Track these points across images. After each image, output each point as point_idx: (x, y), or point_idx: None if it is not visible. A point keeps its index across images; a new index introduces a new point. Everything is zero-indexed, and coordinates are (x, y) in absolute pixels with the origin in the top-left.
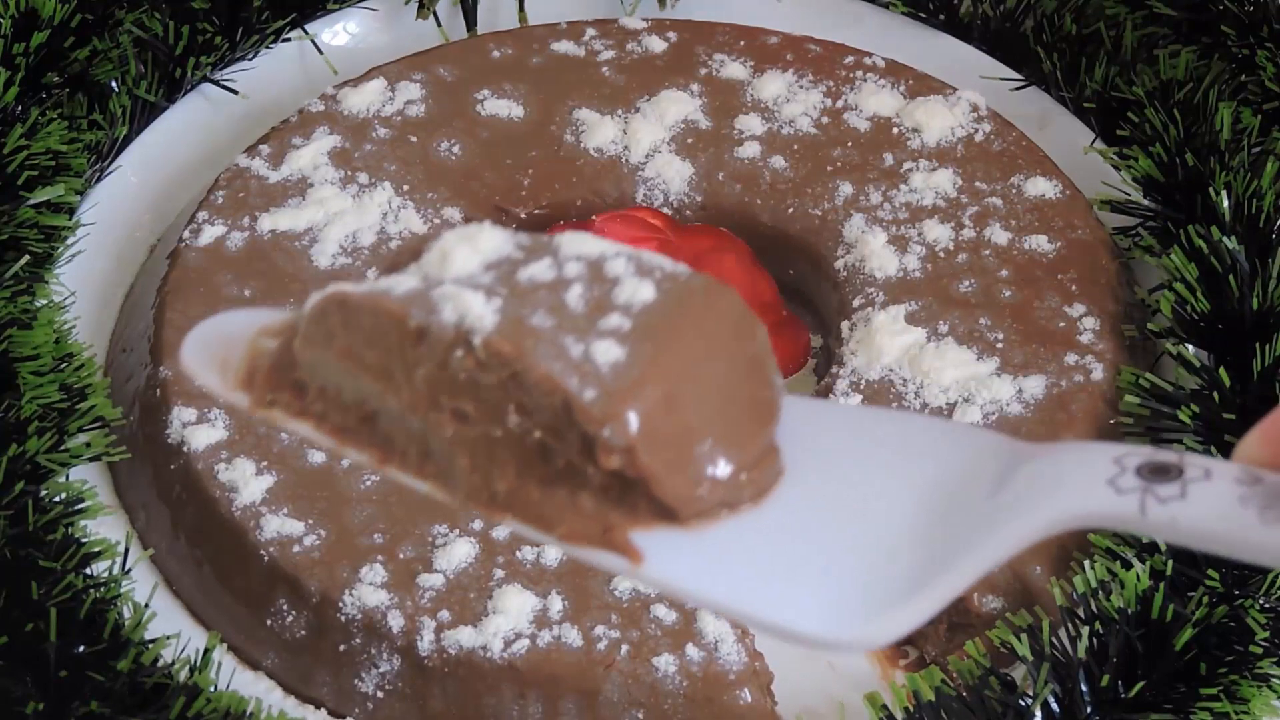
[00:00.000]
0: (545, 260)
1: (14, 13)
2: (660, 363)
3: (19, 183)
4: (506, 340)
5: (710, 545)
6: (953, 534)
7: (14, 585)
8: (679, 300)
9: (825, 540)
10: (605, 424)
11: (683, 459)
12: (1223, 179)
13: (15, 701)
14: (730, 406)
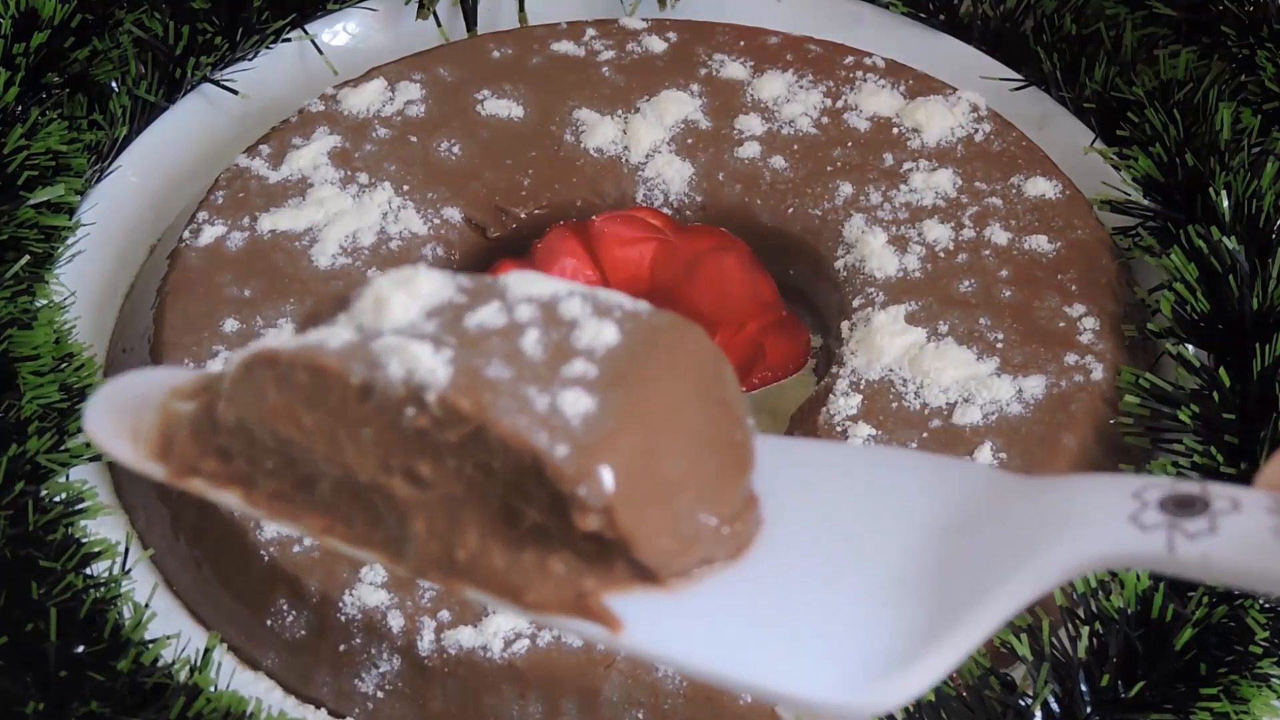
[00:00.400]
0: (493, 304)
1: (14, 13)
2: (634, 411)
3: (19, 183)
4: (463, 395)
5: (695, 607)
6: (961, 580)
7: (14, 585)
8: (645, 341)
9: (819, 594)
10: (579, 482)
11: (663, 516)
12: (1223, 179)
13: (15, 701)
14: (707, 455)
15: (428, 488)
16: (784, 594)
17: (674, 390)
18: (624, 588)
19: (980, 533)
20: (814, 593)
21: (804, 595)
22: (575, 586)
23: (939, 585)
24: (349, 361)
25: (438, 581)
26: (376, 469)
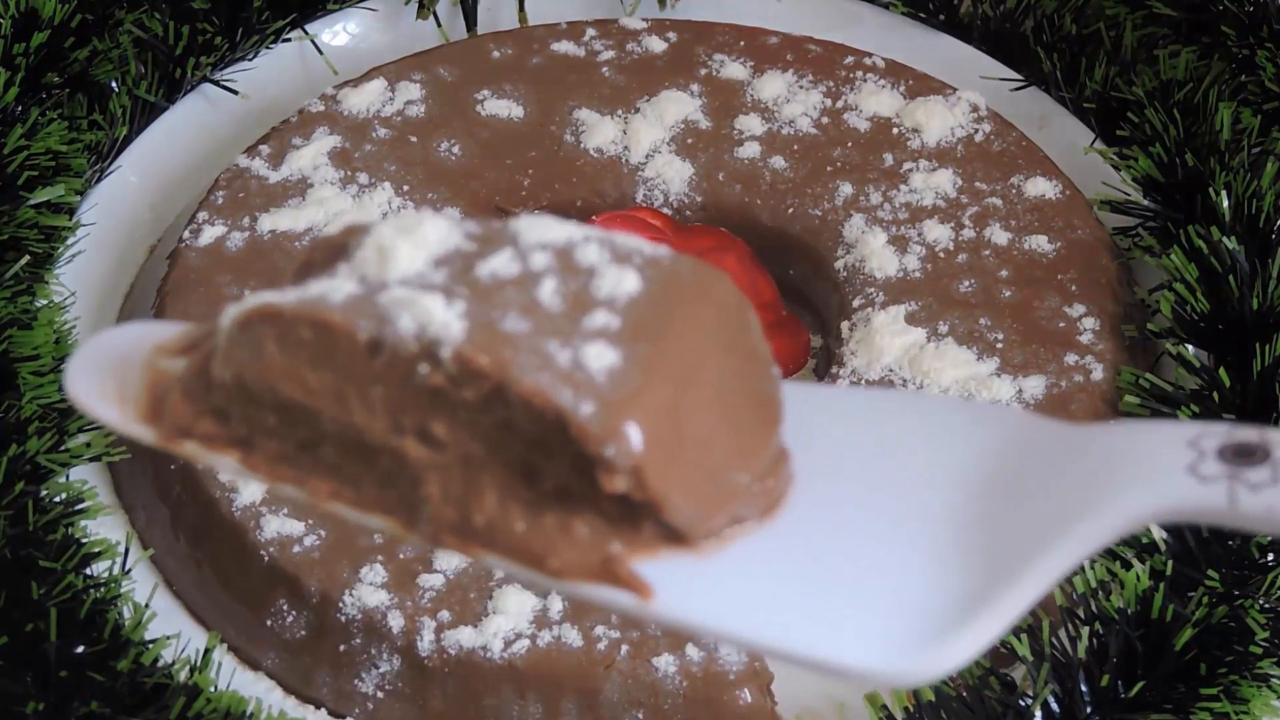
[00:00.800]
0: (505, 252)
1: (14, 13)
2: (660, 365)
3: (19, 183)
4: (481, 351)
5: (727, 571)
6: (1009, 537)
7: (14, 585)
8: (668, 289)
9: (858, 554)
10: (607, 442)
11: (693, 475)
12: (1223, 179)
13: (15, 701)
14: (737, 409)
15: (442, 448)
16: (821, 554)
17: (700, 341)
18: (652, 551)
19: (1026, 485)
20: (852, 552)
21: (842, 555)
22: (600, 551)
23: (985, 542)
24: (356, 316)
25: (454, 548)
26: (387, 429)
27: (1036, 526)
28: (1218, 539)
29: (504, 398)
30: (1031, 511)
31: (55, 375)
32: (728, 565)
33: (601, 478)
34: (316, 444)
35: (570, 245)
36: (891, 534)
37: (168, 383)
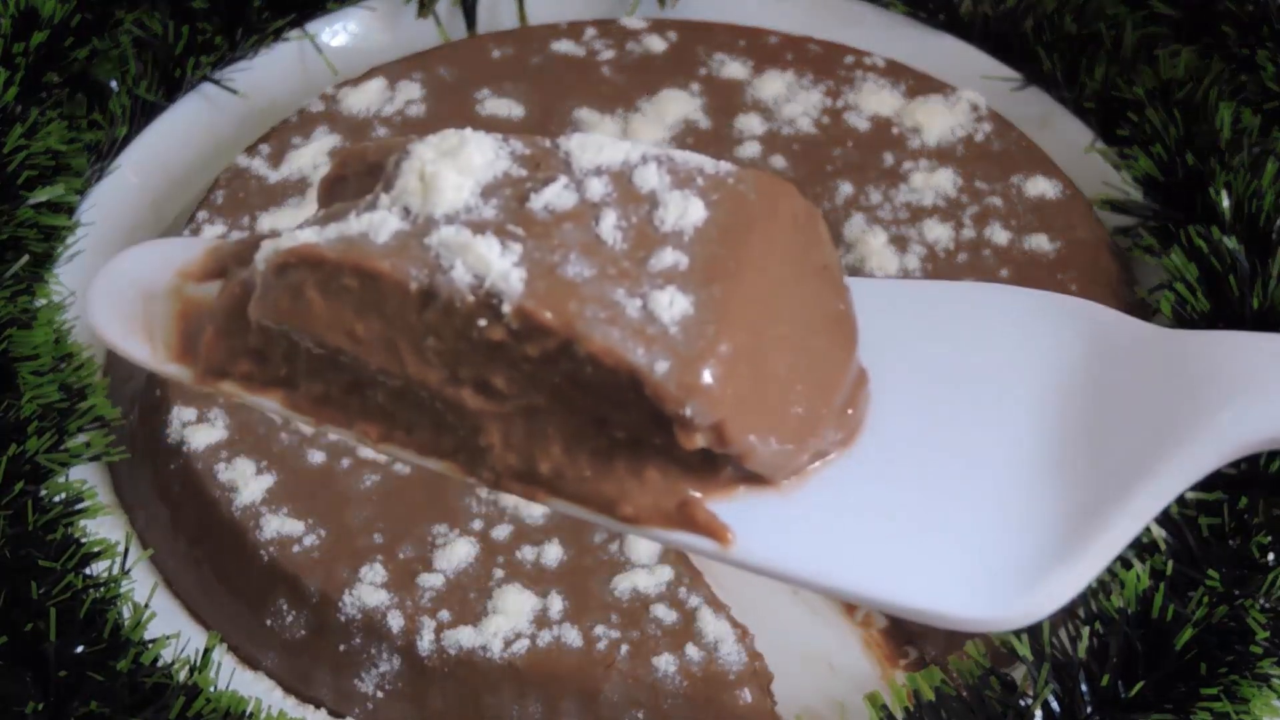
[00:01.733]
0: (559, 180)
1: (14, 12)
2: (735, 306)
3: (19, 183)
4: (545, 305)
5: (810, 509)
6: (1103, 458)
7: (14, 585)
8: (735, 215)
9: (943, 485)
10: (686, 401)
11: (775, 420)
12: (1223, 179)
13: (15, 701)
14: (815, 337)
15: (503, 399)
16: (905, 484)
17: (774, 269)
18: (730, 491)
19: (1118, 395)
20: (939, 482)
21: (927, 486)
22: (676, 494)
23: (1079, 463)
24: (406, 264)
25: (518, 494)
26: (442, 380)
27: (1134, 447)
28: (1218, 539)
29: (571, 354)
30: (1127, 428)
31: (55, 375)
32: (810, 502)
33: (680, 435)
34: (365, 388)
35: (628, 167)
36: (978, 458)
37: (199, 316)
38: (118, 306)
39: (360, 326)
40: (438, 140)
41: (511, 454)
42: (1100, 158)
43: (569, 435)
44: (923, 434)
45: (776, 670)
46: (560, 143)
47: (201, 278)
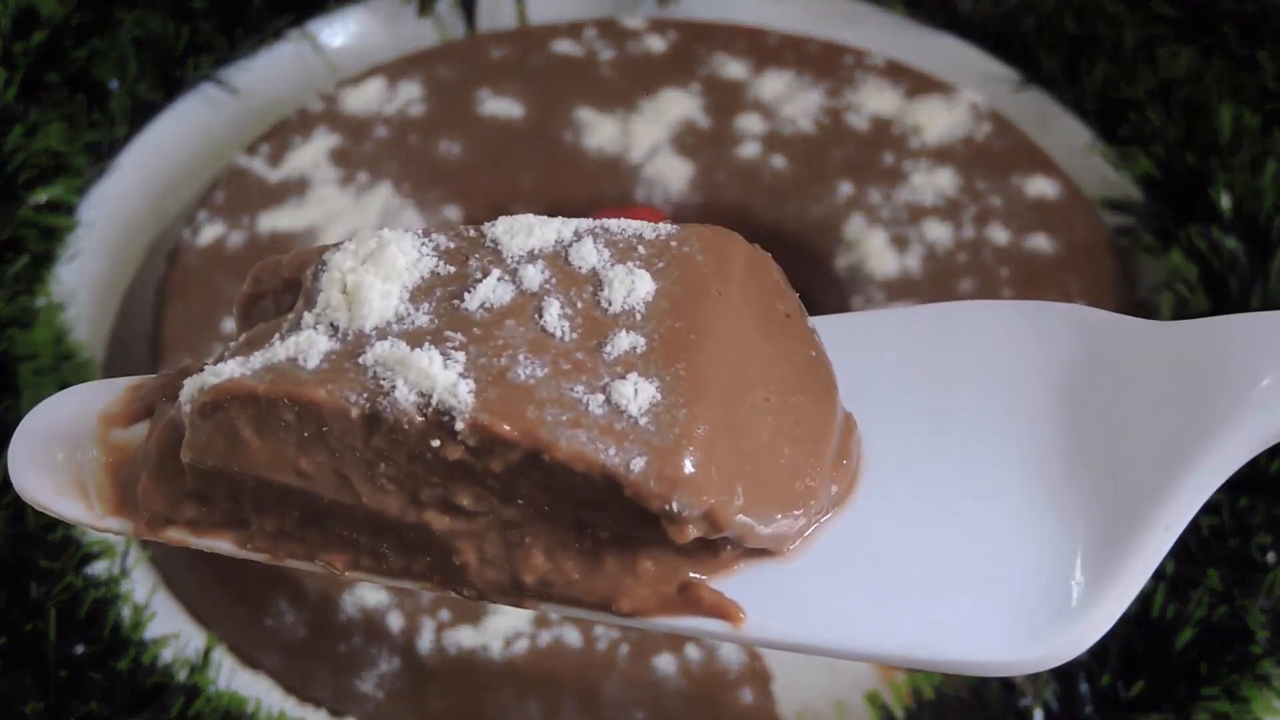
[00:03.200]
0: (492, 275)
1: (14, 12)
2: (704, 381)
3: (19, 183)
4: (501, 417)
5: (817, 574)
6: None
7: (14, 585)
8: (685, 281)
9: (955, 523)
10: (671, 495)
11: (768, 492)
12: (1223, 179)
13: (15, 701)
14: (792, 394)
15: (472, 517)
16: (915, 529)
17: (737, 332)
18: (731, 568)
19: (1127, 397)
20: (950, 520)
21: (939, 526)
22: (675, 579)
23: (1098, 477)
24: (342, 389)
25: (507, 604)
26: (403, 506)
27: (1154, 451)
28: (1218, 539)
29: (538, 463)
30: (1143, 432)
31: (54, 375)
32: (817, 566)
33: (671, 531)
34: (321, 519)
35: (561, 247)
36: (987, 488)
37: (131, 464)
38: (44, 467)
39: (304, 461)
40: (354, 246)
41: (490, 569)
42: (1100, 158)
43: (550, 543)
44: (924, 471)
45: (776, 670)
46: (486, 230)
47: (126, 421)
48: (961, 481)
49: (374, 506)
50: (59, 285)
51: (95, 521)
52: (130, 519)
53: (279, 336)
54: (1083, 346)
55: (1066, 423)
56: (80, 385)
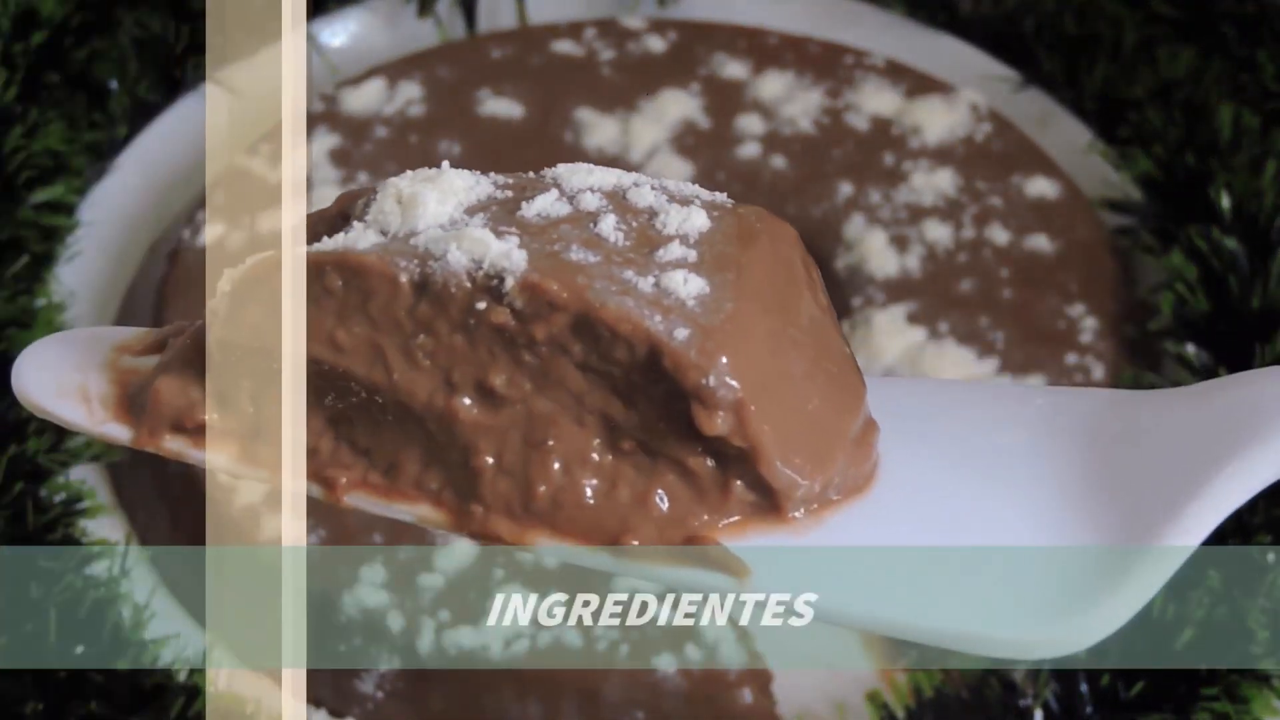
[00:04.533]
0: (549, 194)
1: (14, 12)
2: (750, 293)
3: (19, 183)
4: (552, 277)
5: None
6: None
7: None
8: (738, 228)
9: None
10: (707, 371)
11: (794, 424)
12: (1223, 179)
13: (15, 701)
14: (827, 359)
15: (500, 406)
16: (929, 520)
17: (783, 277)
18: (740, 529)
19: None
20: (962, 525)
21: (954, 521)
22: (684, 526)
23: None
24: (394, 256)
25: (505, 534)
26: (434, 387)
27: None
28: (1218, 539)
29: (582, 331)
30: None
31: None
32: (828, 539)
33: (699, 415)
34: (340, 423)
35: (620, 189)
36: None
37: (139, 379)
38: (48, 373)
39: (342, 332)
40: (413, 173)
41: (505, 479)
42: (1100, 158)
43: (570, 453)
44: (935, 488)
45: (776, 670)
46: (546, 172)
47: (140, 352)
48: (976, 502)
49: (404, 387)
50: (59, 285)
51: (93, 426)
52: (131, 426)
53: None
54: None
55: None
56: (101, 327)
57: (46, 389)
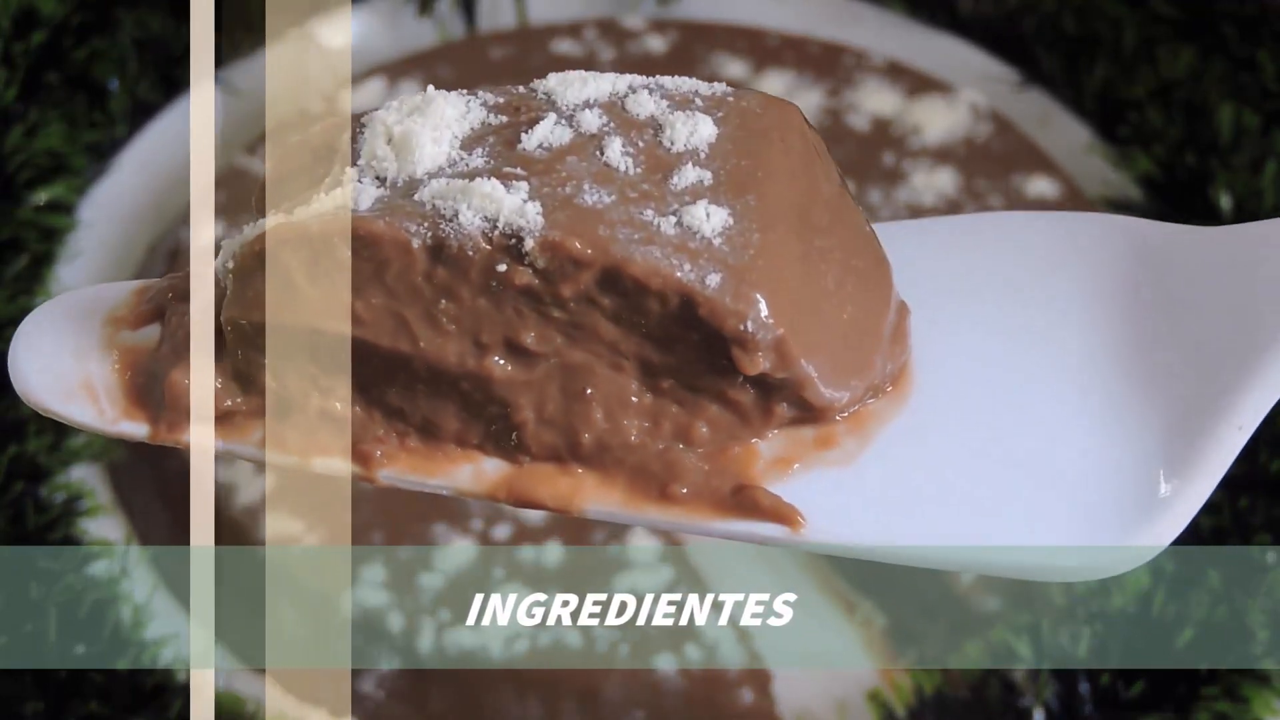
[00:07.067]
0: (547, 119)
1: (14, 12)
2: (775, 214)
3: (19, 183)
4: (573, 234)
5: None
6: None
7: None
8: (747, 129)
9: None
10: (745, 316)
11: (833, 339)
12: (1223, 179)
13: (15, 701)
14: (854, 256)
15: (534, 362)
16: (975, 431)
17: (801, 178)
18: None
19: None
20: (1010, 419)
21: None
22: (730, 465)
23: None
24: (401, 220)
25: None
26: (463, 352)
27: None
28: (1218, 539)
29: (610, 285)
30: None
31: None
32: (876, 469)
33: (740, 358)
34: (370, 388)
35: (617, 98)
36: (1046, 389)
37: (146, 365)
38: (49, 369)
39: (360, 305)
40: (398, 104)
41: (548, 430)
42: (1100, 158)
43: (610, 397)
44: (980, 371)
45: (776, 670)
46: (537, 85)
47: (135, 324)
48: (1024, 381)
49: (432, 353)
50: (59, 285)
51: (108, 426)
52: (146, 422)
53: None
54: (1138, 255)
55: (1128, 329)
56: (82, 289)
57: (51, 390)
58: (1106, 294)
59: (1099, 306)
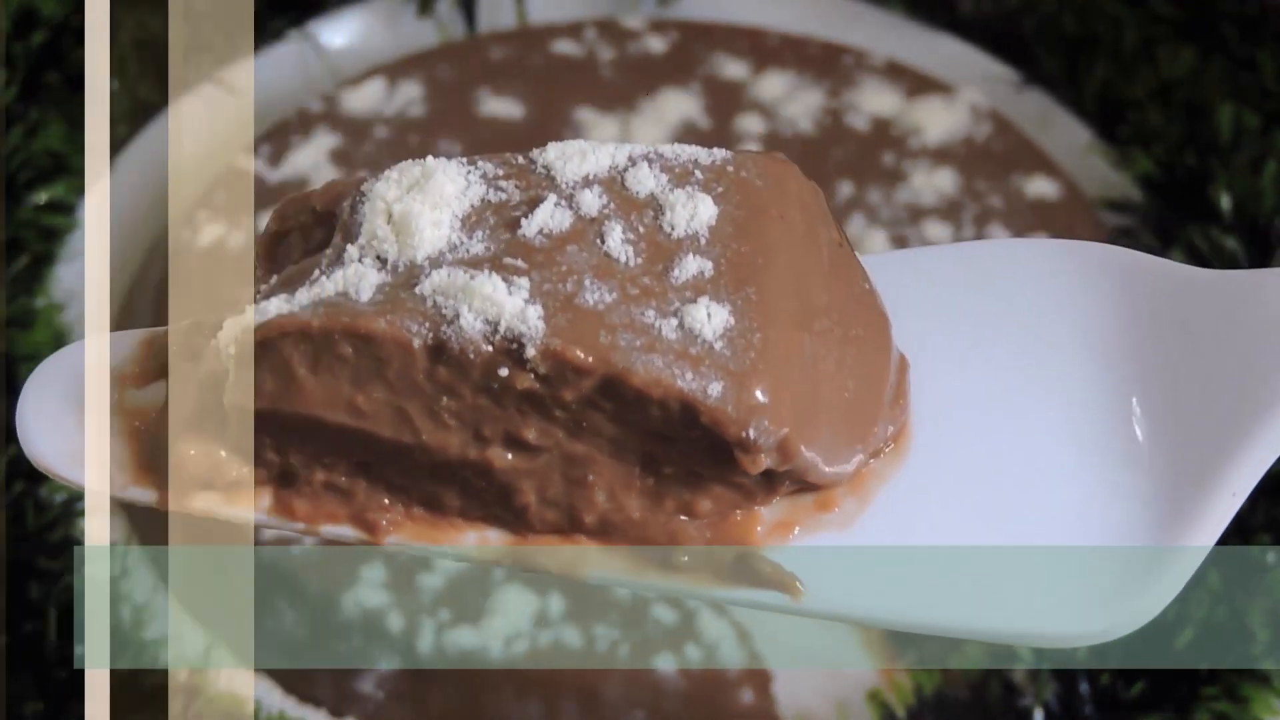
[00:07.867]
0: (549, 200)
1: (14, 12)
2: (775, 305)
3: (19, 183)
4: (574, 342)
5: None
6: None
7: (14, 585)
8: (746, 206)
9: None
10: (747, 424)
11: (835, 422)
12: (1223, 179)
13: (15, 701)
14: (853, 326)
15: (536, 454)
16: (972, 487)
17: (801, 256)
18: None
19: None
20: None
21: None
22: (729, 524)
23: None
24: (402, 319)
25: (554, 568)
26: (464, 443)
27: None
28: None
29: (611, 392)
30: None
31: None
32: (875, 532)
33: (744, 461)
34: (372, 466)
35: (617, 172)
36: (1042, 439)
37: (151, 427)
38: (57, 432)
39: (362, 398)
40: (397, 175)
41: (550, 510)
42: (1100, 158)
43: (613, 480)
44: (978, 419)
45: (776, 670)
46: (535, 156)
47: (141, 380)
48: (1022, 434)
49: (434, 445)
50: (59, 285)
51: (116, 492)
52: (154, 487)
53: (320, 272)
54: (1143, 295)
55: (1129, 375)
56: (87, 340)
57: (60, 455)
58: (1107, 335)
59: (1100, 348)
